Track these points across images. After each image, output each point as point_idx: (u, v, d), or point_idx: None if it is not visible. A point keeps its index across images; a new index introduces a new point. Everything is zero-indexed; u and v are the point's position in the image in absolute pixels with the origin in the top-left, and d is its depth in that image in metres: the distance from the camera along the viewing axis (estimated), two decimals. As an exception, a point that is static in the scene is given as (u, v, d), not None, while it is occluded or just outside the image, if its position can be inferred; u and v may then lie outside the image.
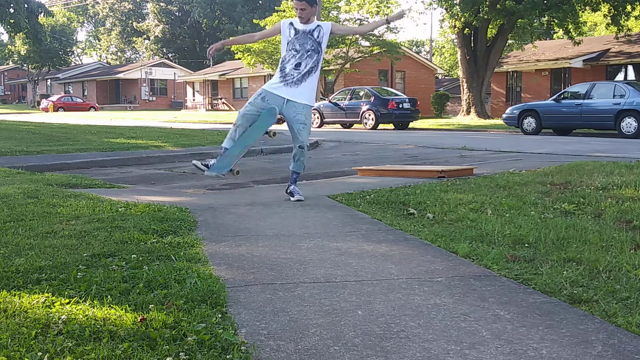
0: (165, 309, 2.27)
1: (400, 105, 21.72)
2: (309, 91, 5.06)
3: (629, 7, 24.35)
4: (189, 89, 51.61)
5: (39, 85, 64.01)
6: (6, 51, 66.29)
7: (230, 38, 5.40)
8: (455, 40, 31.94)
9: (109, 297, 2.42)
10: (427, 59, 45.23)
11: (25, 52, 58.62)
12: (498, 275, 2.82)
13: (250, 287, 2.67)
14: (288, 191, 5.23)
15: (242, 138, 5.10)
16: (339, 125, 23.58)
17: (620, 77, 27.49)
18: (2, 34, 74.21)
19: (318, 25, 5.02)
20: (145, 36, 76.18)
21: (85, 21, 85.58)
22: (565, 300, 2.47)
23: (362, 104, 22.14)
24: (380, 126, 22.12)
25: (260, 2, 66.91)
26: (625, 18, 25.34)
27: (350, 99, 22.80)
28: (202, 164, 5.28)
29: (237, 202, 5.13)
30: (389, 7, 31.53)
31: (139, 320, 2.15)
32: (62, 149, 10.24)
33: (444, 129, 21.67)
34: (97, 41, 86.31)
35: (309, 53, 4.99)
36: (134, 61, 75.98)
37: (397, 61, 32.88)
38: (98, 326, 2.10)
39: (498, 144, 12.71)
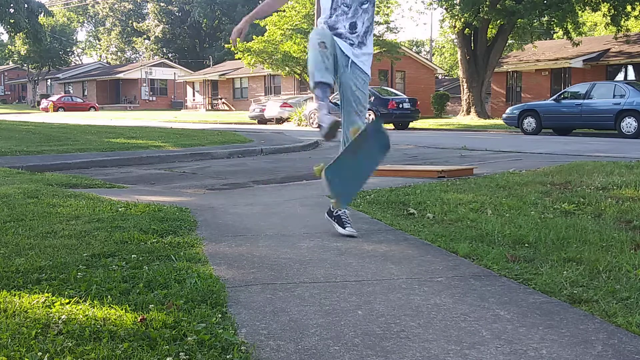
0: (165, 309, 2.27)
1: (400, 105, 21.71)
2: (369, 58, 3.76)
3: (628, 7, 24.36)
4: (189, 89, 51.62)
5: (39, 85, 64.02)
6: (6, 51, 66.30)
7: (251, 14, 3.83)
8: (455, 40, 31.93)
9: (109, 297, 2.42)
10: (427, 59, 45.22)
11: (25, 52, 58.63)
12: (498, 275, 2.82)
13: (250, 287, 2.67)
14: (334, 214, 3.72)
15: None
16: (339, 125, 23.53)
17: (620, 77, 27.50)
18: (2, 34, 74.18)
19: None
20: (145, 36, 76.19)
21: (85, 21, 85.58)
22: (565, 300, 2.47)
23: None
24: (380, 126, 22.09)
25: (260, 2, 66.88)
26: (625, 18, 25.33)
27: (350, 99, 22.77)
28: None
29: (237, 202, 5.13)
30: (389, 7, 31.54)
31: (139, 320, 2.15)
32: (62, 149, 10.24)
33: (444, 129, 21.67)
34: (97, 41, 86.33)
35: (364, 7, 3.63)
36: (134, 61, 75.98)
37: (397, 61, 32.89)
38: (98, 326, 2.10)
39: (498, 144, 12.71)
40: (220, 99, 47.28)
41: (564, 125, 17.76)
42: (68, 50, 67.08)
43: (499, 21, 25.18)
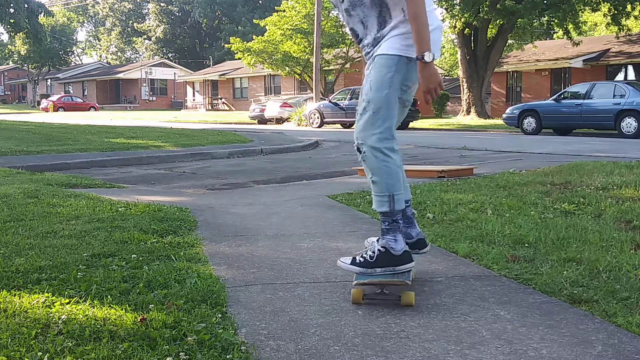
0: (165, 309, 2.27)
1: (400, 105, 21.68)
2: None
3: (629, 7, 24.36)
4: (189, 89, 51.60)
5: (39, 85, 64.02)
6: (6, 51, 66.35)
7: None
8: (455, 40, 31.92)
9: (109, 297, 2.42)
10: (427, 59, 45.17)
11: (25, 52, 58.64)
12: (498, 275, 2.82)
13: (250, 287, 2.67)
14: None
15: None
16: (339, 125, 23.58)
17: (620, 77, 27.49)
18: (2, 34, 74.30)
19: None
20: (145, 36, 76.19)
21: (85, 21, 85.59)
22: (565, 300, 2.47)
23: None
24: (380, 126, 22.07)
25: (260, 2, 66.92)
26: (626, 17, 25.33)
27: (350, 99, 22.82)
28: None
29: (237, 202, 5.13)
30: (389, 7, 31.44)
31: (139, 320, 2.15)
32: (62, 149, 10.24)
33: (444, 129, 21.67)
34: (97, 41, 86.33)
35: (353, 12, 2.62)
36: (134, 61, 75.98)
37: (397, 61, 32.82)
38: (98, 326, 2.10)
39: (498, 144, 12.71)
40: (220, 99, 47.27)
41: (564, 125, 17.76)
42: (68, 50, 67.10)
43: (499, 21, 25.17)
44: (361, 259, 2.53)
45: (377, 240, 2.57)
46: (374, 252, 2.50)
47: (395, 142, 2.61)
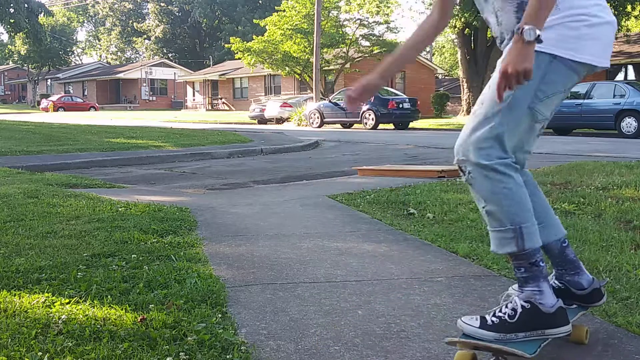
0: (165, 309, 2.27)
1: (400, 105, 21.73)
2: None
3: (629, 7, 24.35)
4: (189, 89, 51.60)
5: (39, 85, 64.02)
6: (6, 51, 66.37)
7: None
8: (455, 40, 31.93)
9: (109, 297, 2.42)
10: (427, 59, 45.18)
11: (25, 52, 58.64)
12: (498, 275, 2.82)
13: (250, 287, 2.67)
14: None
15: None
16: (339, 125, 23.57)
17: (620, 77, 27.49)
18: (2, 34, 74.29)
19: None
20: (145, 36, 76.19)
21: (85, 21, 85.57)
22: (565, 300, 2.47)
23: (362, 103, 22.16)
24: (380, 126, 22.13)
25: (260, 2, 66.92)
26: (626, 18, 25.32)
27: (350, 98, 22.80)
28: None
29: (237, 202, 5.13)
30: (389, 7, 31.53)
31: (139, 320, 2.15)
32: (62, 149, 10.24)
33: (444, 129, 21.67)
34: (97, 41, 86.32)
35: None
36: (134, 61, 75.96)
37: (397, 61, 32.80)
38: (98, 326, 2.10)
39: (498, 144, 12.68)
40: (220, 99, 47.27)
41: (564, 125, 17.75)
42: (68, 50, 67.08)
43: (499, 21, 25.14)
44: (494, 319, 1.86)
45: (518, 294, 1.89)
46: (514, 309, 1.84)
47: (512, 159, 1.87)
